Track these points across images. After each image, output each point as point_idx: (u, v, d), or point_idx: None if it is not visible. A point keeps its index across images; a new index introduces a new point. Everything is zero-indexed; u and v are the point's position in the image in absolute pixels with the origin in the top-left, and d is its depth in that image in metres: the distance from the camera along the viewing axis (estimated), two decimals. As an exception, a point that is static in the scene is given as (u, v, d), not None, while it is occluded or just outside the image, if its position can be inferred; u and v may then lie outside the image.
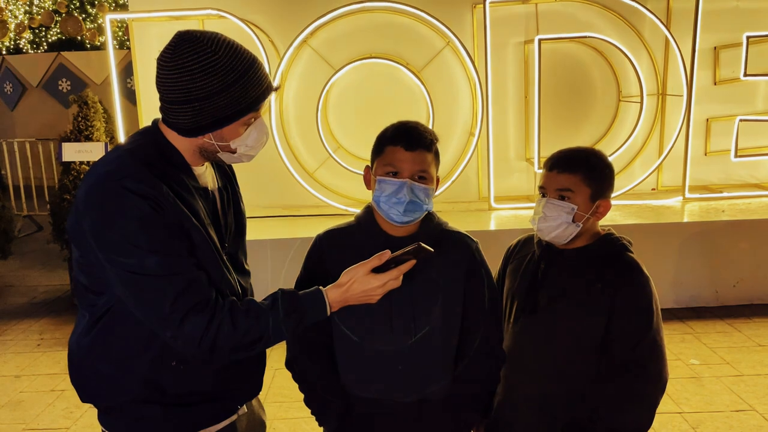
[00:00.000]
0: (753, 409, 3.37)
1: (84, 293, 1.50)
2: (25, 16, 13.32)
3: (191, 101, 1.39)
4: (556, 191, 1.76)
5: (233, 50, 1.40)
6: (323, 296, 1.48)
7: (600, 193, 1.77)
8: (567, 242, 1.79)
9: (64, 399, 3.73)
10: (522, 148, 5.52)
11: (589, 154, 1.81)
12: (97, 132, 5.22)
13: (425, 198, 1.65)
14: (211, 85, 1.37)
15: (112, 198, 1.35)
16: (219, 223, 1.57)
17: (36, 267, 6.43)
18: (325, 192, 5.28)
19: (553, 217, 1.75)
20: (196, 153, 1.50)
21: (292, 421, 3.21)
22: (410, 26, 5.24)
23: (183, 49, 1.37)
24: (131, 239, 1.34)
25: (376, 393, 1.74)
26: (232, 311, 1.41)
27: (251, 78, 1.41)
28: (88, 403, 1.58)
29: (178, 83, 1.38)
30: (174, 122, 1.45)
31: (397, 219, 1.65)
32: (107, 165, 1.42)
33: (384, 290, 1.48)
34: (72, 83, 10.97)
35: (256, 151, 1.53)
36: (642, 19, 5.21)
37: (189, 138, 1.46)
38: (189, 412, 1.55)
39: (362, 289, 1.47)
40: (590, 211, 1.75)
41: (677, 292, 4.67)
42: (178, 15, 4.96)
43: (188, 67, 1.37)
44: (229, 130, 1.45)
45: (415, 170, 1.64)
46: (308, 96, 5.23)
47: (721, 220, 4.73)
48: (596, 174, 1.77)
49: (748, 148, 5.41)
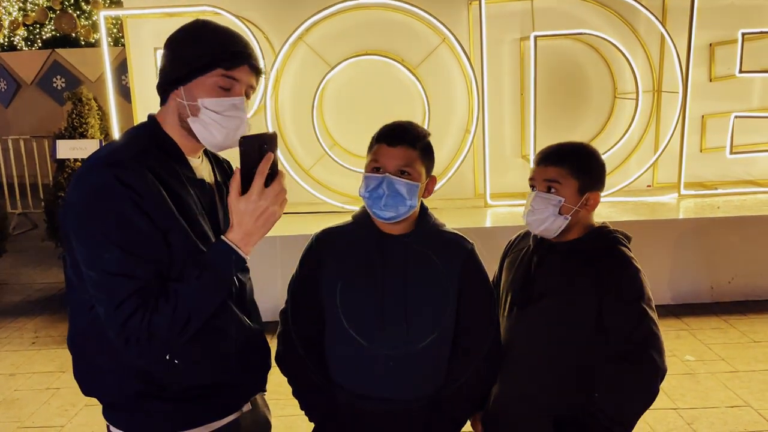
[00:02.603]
0: (748, 404, 3.38)
1: (74, 291, 1.50)
2: (20, 13, 13.27)
3: (169, 50, 1.49)
4: (544, 182, 1.77)
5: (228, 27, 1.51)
6: (223, 241, 1.42)
7: (588, 186, 1.77)
8: (558, 235, 1.78)
9: (59, 397, 3.72)
10: (518, 144, 5.52)
11: (577, 147, 1.82)
12: (92, 129, 5.21)
13: (407, 193, 1.64)
14: (190, 35, 1.48)
15: (93, 181, 1.36)
16: (216, 217, 1.57)
17: (31, 265, 6.41)
18: (321, 189, 5.28)
19: (541, 209, 1.75)
20: (182, 133, 1.49)
21: (288, 419, 3.22)
22: (406, 23, 5.23)
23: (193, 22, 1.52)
24: (101, 227, 1.34)
25: (367, 391, 1.74)
26: (149, 301, 1.36)
27: (227, 37, 1.48)
28: (90, 397, 1.58)
29: (171, 40, 1.50)
30: (158, 84, 1.52)
31: (380, 214, 1.66)
32: (99, 151, 1.47)
33: (279, 200, 1.42)
34: (66, 80, 10.93)
35: (227, 124, 1.47)
36: (638, 15, 5.21)
37: (169, 106, 1.50)
38: (190, 407, 1.54)
39: (251, 215, 1.40)
40: (578, 203, 1.76)
41: (672, 289, 4.68)
42: (173, 12, 4.94)
43: (186, 27, 1.50)
44: (199, 88, 1.45)
45: (397, 165, 1.65)
46: (304, 93, 5.22)
47: (717, 216, 4.75)
48: (584, 166, 1.77)
49: (744, 144, 5.43)
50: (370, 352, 1.70)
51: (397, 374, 1.71)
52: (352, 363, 1.74)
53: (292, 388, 1.85)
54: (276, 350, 1.83)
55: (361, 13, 5.18)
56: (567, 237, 1.80)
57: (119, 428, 1.56)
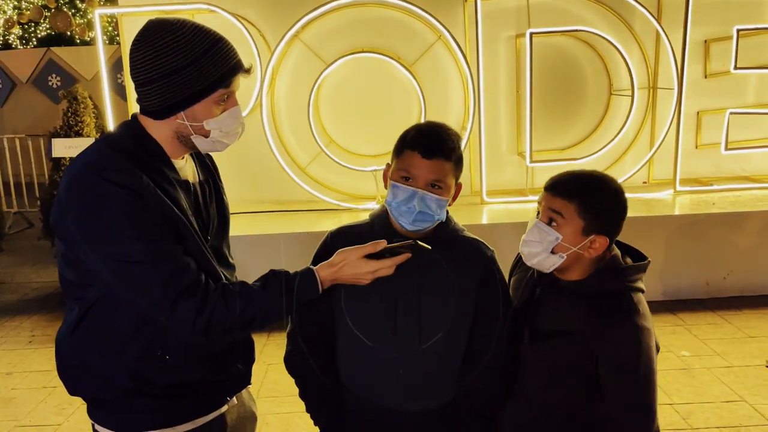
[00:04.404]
0: (743, 399, 3.39)
1: (70, 288, 1.50)
2: (14, 11, 13.21)
3: (160, 78, 1.41)
4: (547, 212, 1.59)
5: (198, 27, 1.44)
6: (314, 275, 1.50)
7: (596, 228, 1.56)
8: (558, 272, 1.63)
9: (56, 395, 3.72)
10: (514, 142, 5.53)
11: (596, 184, 1.59)
12: (87, 127, 5.20)
13: (437, 209, 1.59)
14: (178, 59, 1.40)
15: (93, 189, 1.36)
16: (201, 216, 1.57)
17: (27, 263, 6.39)
18: (317, 187, 5.27)
19: (535, 242, 1.59)
20: (174, 142, 1.50)
21: (285, 416, 3.20)
22: (402, 20, 5.23)
23: (151, 31, 1.42)
24: (115, 229, 1.35)
25: (375, 396, 1.69)
26: (224, 294, 1.44)
27: (218, 52, 1.43)
28: (76, 396, 1.58)
29: (147, 62, 1.41)
30: (147, 105, 1.46)
31: (406, 227, 1.61)
32: (87, 157, 1.44)
33: (374, 276, 1.50)
34: (62, 79, 10.89)
35: (231, 139, 1.52)
36: (633, 12, 5.22)
37: (164, 121, 1.47)
38: (177, 404, 1.55)
39: (353, 272, 1.50)
40: (579, 245, 1.56)
41: (668, 284, 4.69)
42: (168, 10, 4.93)
43: (155, 44, 1.40)
44: (202, 109, 1.45)
45: (430, 179, 1.57)
46: (300, 90, 5.21)
47: (712, 212, 4.76)
48: (595, 206, 1.56)
49: (739, 141, 5.44)
50: (379, 357, 1.66)
51: (407, 381, 1.66)
52: (362, 368, 1.70)
53: (298, 389, 1.81)
54: (286, 350, 1.78)
55: (356, 10, 5.17)
56: (570, 275, 1.63)
57: (106, 426, 1.56)
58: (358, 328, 1.67)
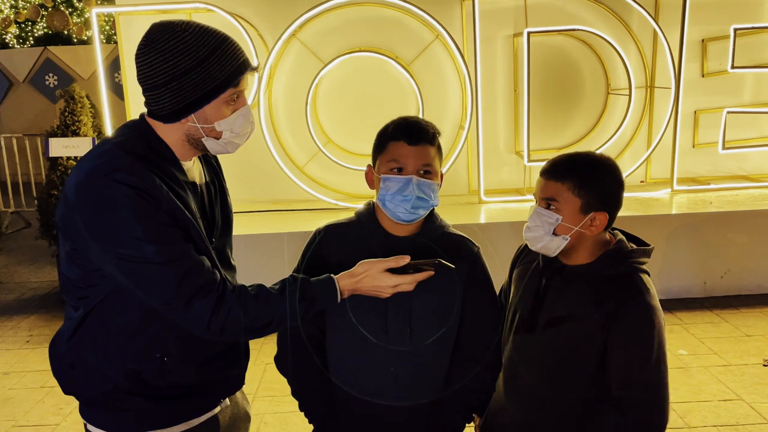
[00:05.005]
0: (740, 398, 3.40)
1: (74, 287, 1.49)
2: (11, 10, 13.19)
3: (169, 82, 1.40)
4: (542, 199, 1.63)
5: (203, 28, 1.42)
6: (335, 284, 1.50)
7: (594, 205, 1.58)
8: (564, 255, 1.65)
9: (53, 395, 3.71)
10: (512, 141, 5.53)
11: (585, 161, 1.63)
12: (84, 127, 5.18)
13: (431, 194, 1.61)
14: (185, 61, 1.39)
15: (104, 192, 1.35)
16: (207, 218, 1.57)
17: (25, 263, 6.39)
18: (315, 186, 5.27)
19: (536, 227, 1.62)
20: (185, 145, 1.49)
21: (282, 416, 3.21)
22: (399, 19, 5.23)
23: (155, 35, 1.41)
24: (127, 230, 1.35)
25: (366, 393, 1.71)
26: (241, 296, 1.43)
27: (225, 52, 1.42)
28: (70, 395, 1.57)
29: (154, 66, 1.40)
30: (157, 110, 1.45)
31: (404, 217, 1.62)
32: (97, 159, 1.41)
33: (395, 290, 1.50)
34: (59, 78, 10.88)
35: (241, 140, 1.52)
36: (630, 11, 5.23)
37: (174, 124, 1.46)
38: (171, 405, 1.55)
39: (374, 284, 1.49)
40: (580, 223, 1.59)
41: (665, 284, 4.70)
42: (165, 9, 4.92)
43: (161, 48, 1.39)
44: (212, 110, 1.45)
45: (420, 165, 1.60)
46: (297, 90, 5.21)
47: (709, 211, 4.77)
48: (589, 182, 1.58)
49: (736, 140, 5.45)
50: (370, 354, 1.68)
51: (398, 377, 1.69)
52: (352, 365, 1.72)
53: (291, 388, 1.83)
54: (277, 350, 1.81)
55: (354, 9, 5.17)
56: (576, 258, 1.65)
57: (99, 426, 1.56)
58: (349, 327, 1.68)
